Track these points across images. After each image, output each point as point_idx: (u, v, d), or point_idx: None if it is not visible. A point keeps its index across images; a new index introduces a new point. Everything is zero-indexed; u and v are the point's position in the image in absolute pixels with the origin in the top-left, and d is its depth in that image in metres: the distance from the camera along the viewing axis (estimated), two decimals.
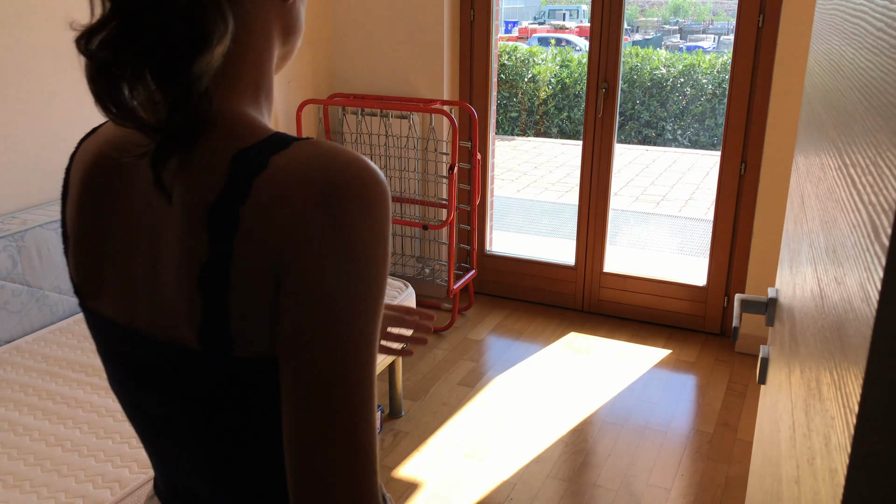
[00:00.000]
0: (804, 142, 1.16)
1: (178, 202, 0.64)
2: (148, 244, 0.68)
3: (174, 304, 0.66)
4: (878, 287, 0.51)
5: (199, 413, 0.68)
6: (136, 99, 0.62)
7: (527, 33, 13.11)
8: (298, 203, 0.60)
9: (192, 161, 0.64)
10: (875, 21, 0.65)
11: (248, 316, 0.63)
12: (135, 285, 0.70)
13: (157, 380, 0.70)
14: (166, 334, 0.67)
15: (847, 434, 0.57)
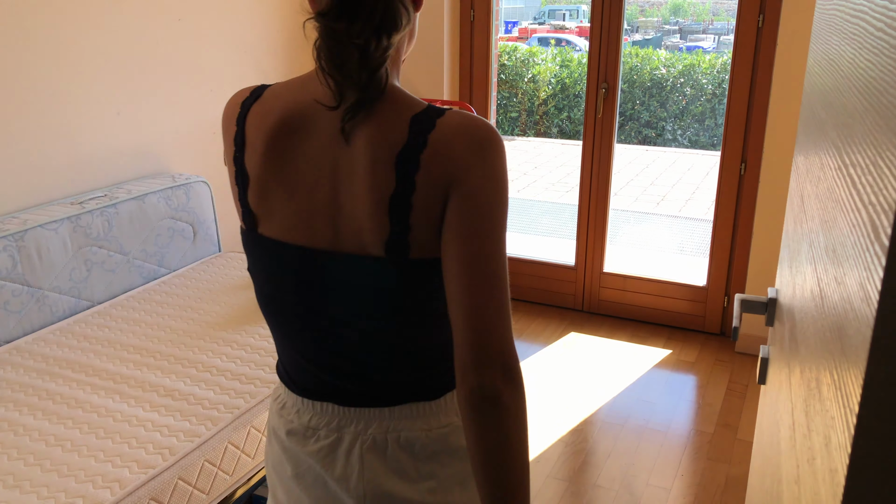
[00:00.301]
0: (804, 142, 1.16)
1: (364, 149, 0.89)
2: (329, 179, 0.91)
3: (361, 223, 0.90)
4: (878, 287, 0.51)
5: (374, 304, 0.93)
6: (352, 66, 0.87)
7: (527, 33, 13.11)
8: (459, 150, 0.88)
9: (374, 119, 0.89)
10: (875, 21, 0.65)
11: (421, 229, 0.89)
12: (315, 212, 0.92)
13: (334, 283, 0.93)
14: (349, 247, 0.92)
15: (847, 434, 0.57)
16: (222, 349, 2.20)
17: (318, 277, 0.94)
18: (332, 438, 1.00)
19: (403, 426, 0.98)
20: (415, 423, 0.99)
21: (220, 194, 3.27)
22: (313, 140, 0.92)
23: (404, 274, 0.91)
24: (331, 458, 1.00)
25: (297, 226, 0.94)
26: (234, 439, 1.86)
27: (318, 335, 0.98)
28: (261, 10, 3.34)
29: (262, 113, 0.95)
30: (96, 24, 2.59)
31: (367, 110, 0.90)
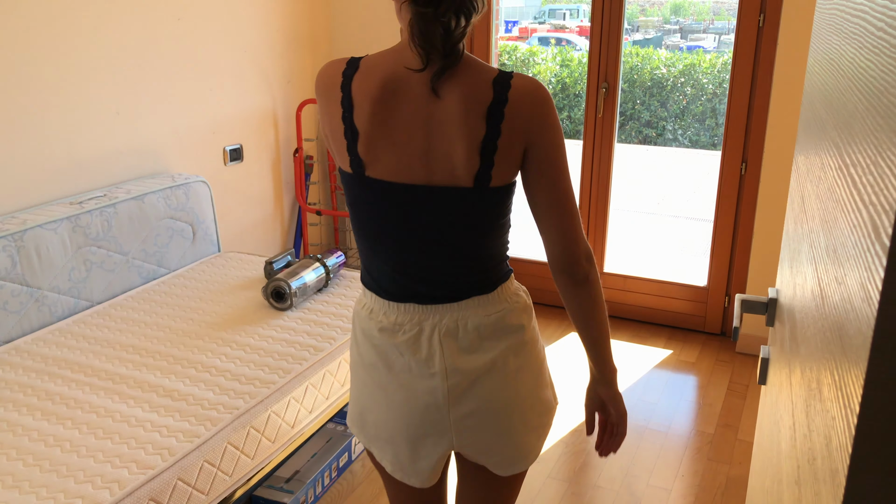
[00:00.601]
0: (804, 142, 1.16)
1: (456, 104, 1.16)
2: (423, 130, 1.18)
3: (455, 162, 1.17)
4: (878, 287, 0.51)
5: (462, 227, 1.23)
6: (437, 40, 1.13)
7: (527, 33, 13.11)
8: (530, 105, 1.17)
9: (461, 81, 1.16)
10: (875, 21, 0.64)
11: (502, 165, 1.19)
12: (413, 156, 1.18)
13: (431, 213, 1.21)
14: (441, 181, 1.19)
15: (848, 434, 0.57)
16: (222, 349, 2.20)
17: (416, 207, 1.22)
18: (415, 331, 1.28)
19: (469, 314, 1.28)
20: (478, 311, 1.28)
21: (220, 194, 3.27)
22: (408, 100, 1.18)
23: (485, 198, 1.22)
24: (416, 346, 1.27)
25: (399, 168, 1.20)
26: (233, 440, 1.86)
27: (411, 253, 1.26)
28: (261, 10, 3.33)
29: (365, 80, 1.19)
30: (96, 24, 2.59)
31: (451, 73, 1.17)
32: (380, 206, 1.24)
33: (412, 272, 1.27)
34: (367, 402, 1.35)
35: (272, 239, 3.66)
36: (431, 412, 1.29)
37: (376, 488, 2.46)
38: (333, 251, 2.74)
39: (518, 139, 1.18)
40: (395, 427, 1.32)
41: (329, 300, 2.58)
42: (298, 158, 3.63)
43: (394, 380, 1.30)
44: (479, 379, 1.27)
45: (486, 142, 1.17)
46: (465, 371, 1.26)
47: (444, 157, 1.18)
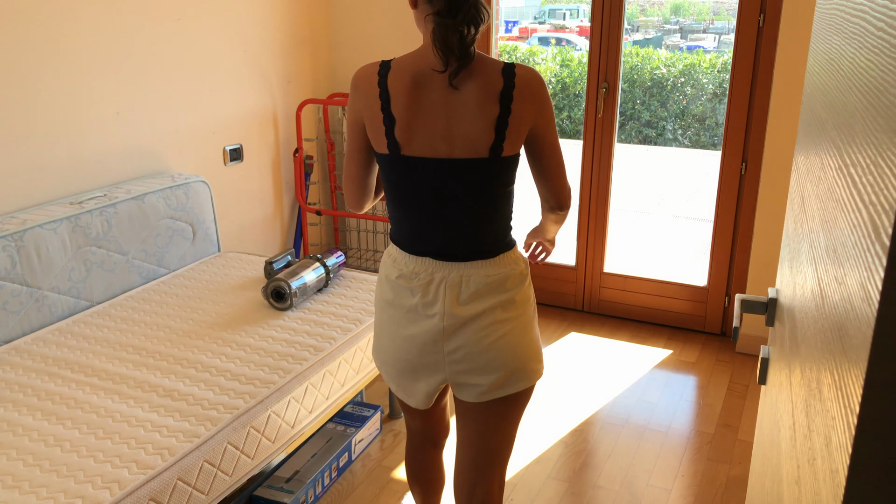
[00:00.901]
0: (804, 142, 1.16)
1: (472, 94, 1.46)
2: (444, 116, 1.47)
3: (474, 138, 1.47)
4: (878, 287, 0.51)
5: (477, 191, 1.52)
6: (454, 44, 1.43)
7: (527, 33, 13.10)
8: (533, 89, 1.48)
9: (474, 76, 1.46)
10: (875, 21, 0.64)
11: (511, 138, 1.48)
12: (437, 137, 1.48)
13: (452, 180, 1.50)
14: (463, 154, 1.48)
15: (848, 434, 0.57)
16: (222, 349, 2.20)
17: (441, 177, 1.51)
18: (427, 280, 1.56)
19: (473, 273, 1.56)
20: (480, 271, 1.56)
21: (220, 194, 3.27)
22: (433, 92, 1.48)
23: (497, 166, 1.51)
24: (425, 291, 1.56)
25: (427, 147, 1.49)
26: (233, 440, 1.86)
27: (435, 216, 1.55)
28: (261, 10, 3.33)
29: (398, 77, 1.48)
30: (96, 24, 2.59)
31: (466, 71, 1.46)
32: (412, 178, 1.53)
33: (432, 233, 1.56)
34: (382, 332, 1.65)
35: (272, 239, 3.66)
36: (428, 346, 1.58)
37: (376, 488, 2.46)
38: (333, 251, 2.74)
39: (525, 117, 1.49)
40: (399, 354, 1.62)
41: (329, 300, 2.58)
42: (298, 158, 3.63)
43: (403, 316, 1.59)
44: (469, 323, 1.55)
45: (499, 120, 1.47)
46: (458, 316, 1.55)
47: (463, 135, 1.48)
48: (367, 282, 2.74)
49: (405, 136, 1.49)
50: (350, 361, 2.34)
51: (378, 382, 3.11)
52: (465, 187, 1.51)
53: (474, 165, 1.49)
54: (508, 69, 1.47)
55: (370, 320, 2.47)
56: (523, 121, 1.49)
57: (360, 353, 2.40)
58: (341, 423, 2.64)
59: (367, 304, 2.56)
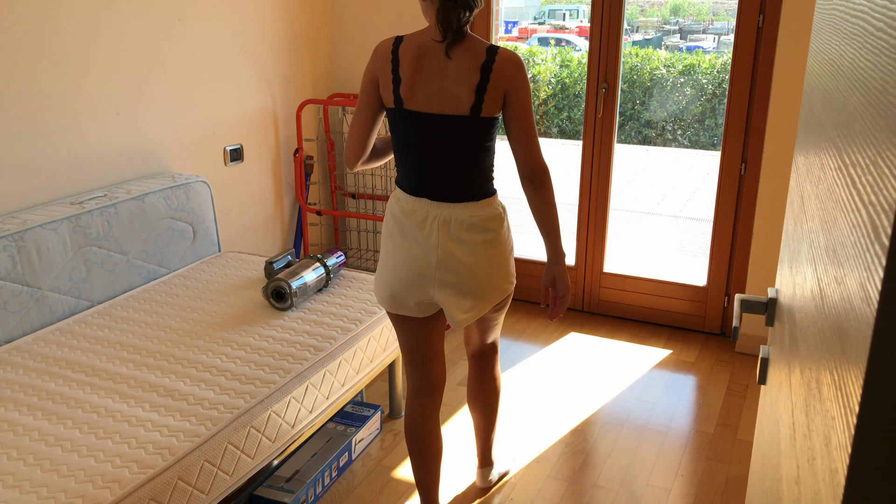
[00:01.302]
0: (804, 142, 1.16)
1: (461, 62, 1.81)
2: (439, 79, 1.82)
3: (459, 99, 1.81)
4: (878, 287, 0.51)
5: (461, 143, 1.85)
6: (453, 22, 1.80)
7: (527, 33, 13.10)
8: (509, 66, 1.83)
9: (465, 49, 1.82)
10: (875, 21, 0.65)
11: (488, 102, 1.82)
12: (432, 95, 1.83)
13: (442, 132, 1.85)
14: (450, 111, 1.82)
15: (847, 434, 0.57)
16: (222, 349, 2.20)
17: (434, 129, 1.86)
18: (423, 216, 1.91)
19: (460, 213, 1.90)
20: (465, 212, 1.91)
21: (220, 194, 3.27)
22: (432, 60, 1.84)
23: (476, 124, 1.86)
24: (422, 226, 1.91)
25: (423, 103, 1.85)
26: (233, 439, 1.86)
27: (430, 161, 1.90)
28: (261, 10, 3.33)
29: (407, 47, 1.86)
30: (96, 24, 2.59)
31: (459, 44, 1.83)
32: (412, 128, 1.89)
33: (427, 176, 1.92)
34: (386, 259, 1.98)
35: (272, 239, 3.66)
36: (423, 270, 1.93)
37: (376, 488, 2.46)
38: (333, 251, 2.74)
39: (500, 85, 1.83)
40: (399, 274, 1.95)
41: (329, 300, 2.58)
42: (298, 158, 3.63)
43: (405, 245, 1.94)
44: (456, 255, 1.90)
45: (479, 85, 1.82)
46: (449, 249, 1.90)
47: (451, 96, 1.83)
48: (367, 282, 2.74)
49: (407, 94, 1.86)
50: (350, 361, 2.34)
51: (378, 382, 3.11)
52: (450, 139, 1.87)
53: (458, 121, 1.85)
54: (492, 48, 1.84)
55: (370, 320, 2.47)
56: (498, 88, 1.83)
57: (360, 353, 2.40)
58: (341, 422, 2.64)
59: (367, 304, 2.56)
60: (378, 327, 2.49)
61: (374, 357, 2.50)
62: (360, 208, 3.98)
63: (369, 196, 3.89)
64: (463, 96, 1.82)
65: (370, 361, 2.47)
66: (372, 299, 2.59)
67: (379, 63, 1.90)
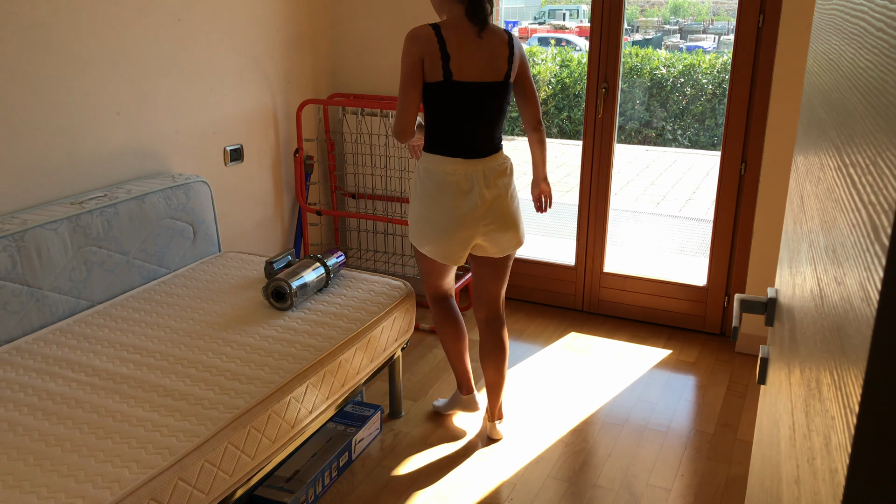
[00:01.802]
0: (804, 142, 1.16)
1: (492, 40, 2.33)
2: (479, 55, 2.30)
3: (497, 68, 2.34)
4: (878, 287, 0.51)
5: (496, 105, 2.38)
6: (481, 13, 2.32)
7: (527, 33, 13.10)
8: (520, 43, 2.42)
9: (491, 32, 2.34)
10: (875, 21, 0.65)
11: (514, 70, 2.40)
12: (475, 67, 2.30)
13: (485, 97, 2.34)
14: (490, 79, 2.33)
15: (847, 434, 0.57)
16: (222, 349, 2.20)
17: (480, 94, 2.32)
18: (464, 173, 2.36)
19: (489, 164, 2.39)
20: (493, 163, 2.40)
21: (220, 194, 3.27)
22: (470, 40, 2.29)
23: (506, 87, 2.37)
24: (463, 181, 2.36)
25: (469, 73, 2.29)
26: (233, 439, 1.86)
27: (473, 123, 2.34)
28: (261, 10, 3.34)
29: (449, 32, 2.28)
30: (96, 24, 2.59)
31: (487, 28, 2.31)
32: (459, 96, 2.31)
33: (468, 137, 2.35)
34: (434, 219, 2.37)
35: (272, 239, 3.66)
36: (473, 218, 2.37)
37: (376, 488, 2.46)
38: (333, 251, 2.74)
39: (518, 57, 2.39)
40: (450, 230, 2.37)
41: (329, 300, 2.58)
42: (299, 158, 3.63)
43: (454, 202, 2.35)
44: (494, 199, 2.39)
45: (509, 57, 2.36)
46: (486, 196, 2.38)
47: (489, 66, 2.31)
48: (367, 282, 2.74)
49: (455, 66, 2.27)
50: (350, 361, 2.34)
51: (378, 382, 3.11)
52: (490, 102, 2.34)
53: (496, 86, 2.34)
54: (505, 29, 2.39)
55: (370, 320, 2.47)
56: (517, 59, 2.39)
57: (360, 353, 2.40)
58: (341, 423, 2.64)
59: (367, 304, 2.56)
60: (378, 327, 2.50)
61: (375, 357, 2.50)
62: (360, 208, 3.98)
63: (369, 196, 3.89)
64: (499, 65, 2.32)
65: (370, 361, 2.47)
66: (372, 299, 2.59)
67: (424, 45, 2.25)
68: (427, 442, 2.71)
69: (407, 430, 2.78)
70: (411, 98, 2.29)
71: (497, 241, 2.43)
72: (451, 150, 2.34)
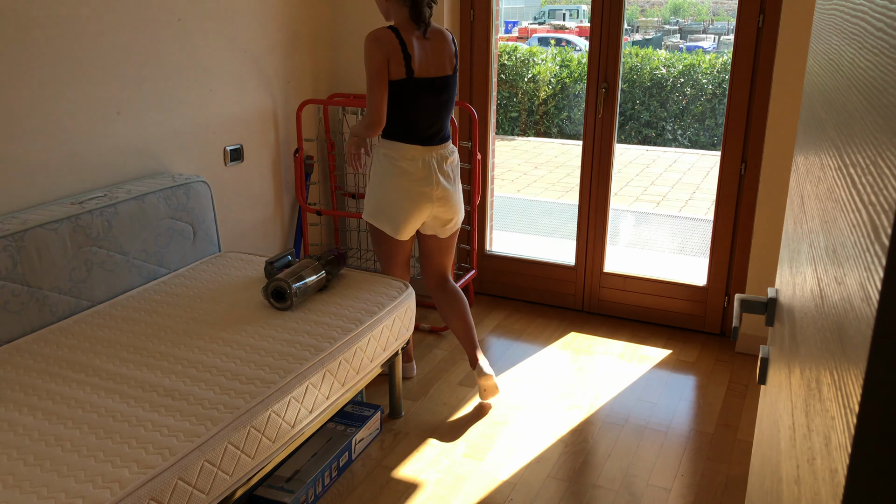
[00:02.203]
0: (804, 142, 1.16)
1: (437, 40, 2.62)
2: (431, 52, 2.60)
3: (445, 63, 2.64)
4: (878, 287, 0.51)
5: (448, 96, 2.67)
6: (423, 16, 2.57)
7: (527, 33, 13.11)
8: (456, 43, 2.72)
9: (435, 33, 2.63)
10: (875, 21, 0.65)
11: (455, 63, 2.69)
12: (431, 64, 2.59)
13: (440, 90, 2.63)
14: (442, 74, 2.63)
15: (847, 434, 0.57)
16: (222, 349, 2.20)
17: (437, 88, 2.60)
18: (421, 159, 2.63)
19: (443, 151, 2.68)
20: (445, 150, 2.70)
21: (220, 194, 3.27)
22: (421, 41, 2.56)
23: (455, 79, 2.68)
24: (424, 167, 2.64)
25: (426, 70, 2.57)
26: (233, 439, 1.86)
27: (430, 114, 2.61)
28: (260, 10, 3.34)
29: (405, 34, 2.54)
30: (96, 24, 2.59)
31: (430, 28, 2.60)
32: (420, 91, 2.58)
33: (425, 127, 2.62)
34: (389, 195, 2.66)
35: (272, 239, 3.66)
36: (428, 199, 2.68)
37: (376, 488, 2.46)
38: (333, 251, 2.74)
39: (457, 54, 2.67)
40: (410, 209, 2.67)
41: (329, 300, 2.58)
42: (298, 158, 3.63)
43: (408, 183, 2.64)
44: (446, 185, 2.70)
45: (454, 53, 2.66)
46: (440, 181, 2.68)
47: (441, 63, 2.61)
48: (367, 282, 2.74)
49: (416, 66, 2.55)
50: (350, 361, 2.34)
51: (378, 382, 3.11)
52: (444, 93, 2.64)
53: (447, 79, 2.64)
54: (447, 30, 2.66)
55: (370, 320, 2.47)
56: (457, 55, 2.68)
57: (360, 353, 2.40)
58: (341, 422, 2.64)
59: (367, 304, 2.56)
60: (378, 327, 2.50)
61: (374, 357, 2.50)
62: (360, 208, 3.97)
63: None
64: (447, 60, 2.62)
65: (370, 361, 2.47)
66: (372, 299, 2.59)
67: (388, 47, 2.50)
68: (427, 442, 2.71)
69: (407, 430, 2.78)
70: (381, 95, 2.53)
71: (444, 221, 2.77)
72: (411, 138, 2.60)
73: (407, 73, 2.52)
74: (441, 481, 2.49)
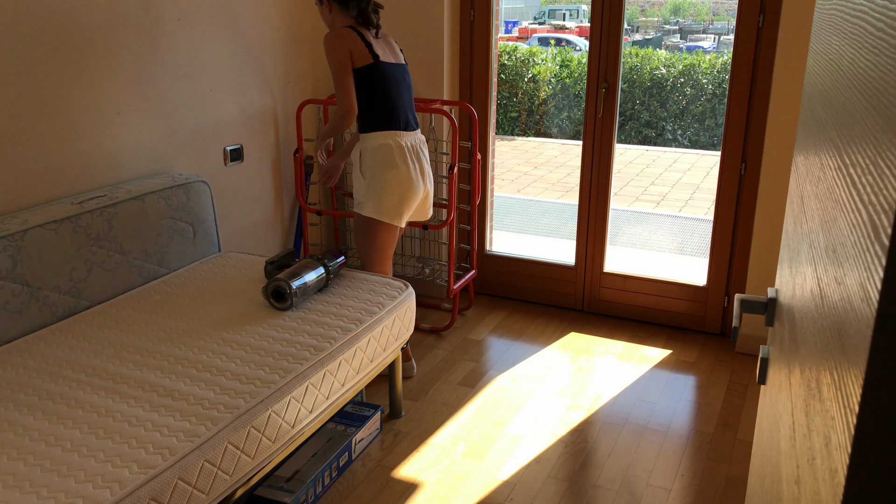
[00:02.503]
0: (804, 142, 1.16)
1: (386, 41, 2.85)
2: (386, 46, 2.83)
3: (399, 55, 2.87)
4: (878, 287, 0.51)
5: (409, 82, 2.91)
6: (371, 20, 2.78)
7: (527, 33, 13.11)
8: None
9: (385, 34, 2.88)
10: (875, 21, 0.65)
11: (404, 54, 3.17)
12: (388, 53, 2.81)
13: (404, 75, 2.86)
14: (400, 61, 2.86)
15: (847, 434, 0.57)
16: (222, 349, 2.20)
17: (403, 72, 2.85)
18: (406, 143, 2.79)
19: (418, 137, 2.88)
20: (420, 135, 2.89)
21: (220, 194, 3.27)
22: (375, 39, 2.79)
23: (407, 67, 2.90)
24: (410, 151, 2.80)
25: (388, 57, 2.79)
26: (233, 439, 1.86)
27: (401, 100, 2.79)
28: (261, 10, 3.33)
29: (362, 30, 2.74)
30: (96, 24, 2.59)
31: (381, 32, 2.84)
32: (390, 73, 2.76)
33: (403, 110, 2.81)
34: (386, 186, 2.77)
35: (272, 239, 3.66)
36: (416, 182, 2.83)
37: (376, 488, 2.46)
38: (333, 251, 2.74)
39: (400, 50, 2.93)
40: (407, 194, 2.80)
41: (329, 300, 2.58)
42: (298, 158, 3.63)
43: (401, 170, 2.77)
44: (425, 168, 2.89)
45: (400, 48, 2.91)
46: (424, 166, 2.87)
47: (394, 53, 2.82)
48: (367, 282, 2.74)
49: (378, 51, 2.73)
50: (350, 361, 2.34)
51: (378, 382, 3.11)
52: (407, 78, 2.85)
53: (405, 66, 2.86)
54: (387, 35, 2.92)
55: (370, 320, 2.47)
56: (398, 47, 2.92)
57: (360, 353, 2.40)
58: (341, 422, 2.64)
59: (366, 304, 2.56)
60: (378, 327, 2.50)
61: (374, 357, 2.50)
62: None
63: None
64: (400, 54, 2.86)
65: (370, 361, 2.47)
66: (372, 299, 2.59)
67: (349, 40, 2.68)
68: (427, 442, 2.71)
69: (407, 430, 2.78)
70: (349, 83, 2.68)
71: (425, 204, 2.96)
72: (392, 125, 2.76)
73: (374, 58, 2.70)
74: (441, 481, 2.49)
